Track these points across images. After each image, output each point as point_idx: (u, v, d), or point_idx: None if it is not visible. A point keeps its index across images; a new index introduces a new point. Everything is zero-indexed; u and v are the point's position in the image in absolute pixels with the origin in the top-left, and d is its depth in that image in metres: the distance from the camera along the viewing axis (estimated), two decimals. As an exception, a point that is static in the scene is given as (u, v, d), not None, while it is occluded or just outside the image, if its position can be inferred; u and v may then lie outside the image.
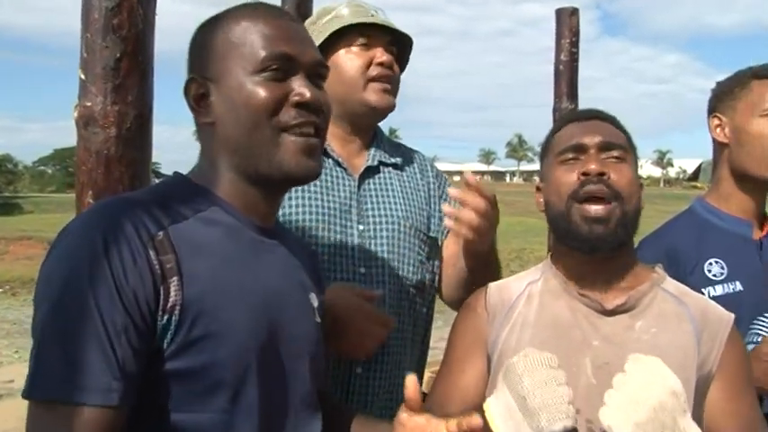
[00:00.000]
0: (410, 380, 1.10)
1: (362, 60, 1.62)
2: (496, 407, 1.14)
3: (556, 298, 1.33)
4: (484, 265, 1.57)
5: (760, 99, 1.69)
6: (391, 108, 1.67)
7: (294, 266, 1.16)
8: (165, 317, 0.94)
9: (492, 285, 1.42)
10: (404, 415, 1.11)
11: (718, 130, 1.76)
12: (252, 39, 1.06)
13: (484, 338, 1.36)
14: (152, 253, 0.94)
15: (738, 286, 1.62)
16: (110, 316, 0.89)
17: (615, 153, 1.31)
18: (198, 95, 1.07)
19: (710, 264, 1.64)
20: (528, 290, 1.37)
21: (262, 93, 1.04)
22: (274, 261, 1.11)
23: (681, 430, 1.09)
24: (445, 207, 1.48)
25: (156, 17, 1.38)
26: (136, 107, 1.36)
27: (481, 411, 1.15)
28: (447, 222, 1.46)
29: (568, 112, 1.32)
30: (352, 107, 1.64)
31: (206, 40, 1.09)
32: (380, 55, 1.63)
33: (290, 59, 1.06)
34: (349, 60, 1.63)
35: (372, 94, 1.63)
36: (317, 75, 1.11)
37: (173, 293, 0.94)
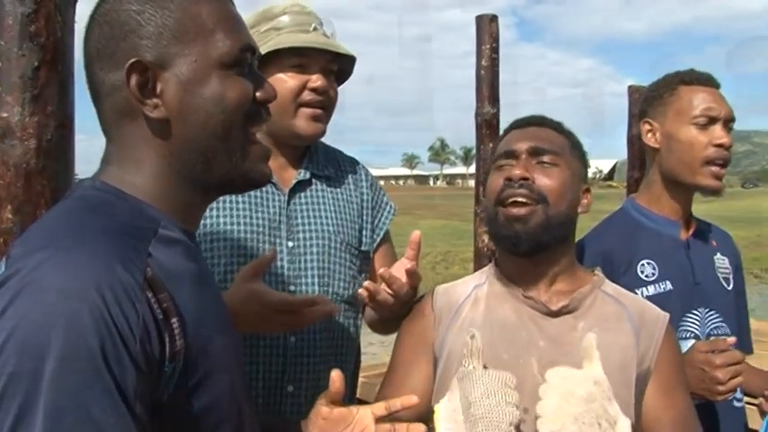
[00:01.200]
0: (336, 373, 1.07)
1: (296, 83, 1.53)
2: (445, 410, 1.16)
3: (501, 301, 1.37)
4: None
5: (689, 106, 1.71)
6: (319, 135, 1.60)
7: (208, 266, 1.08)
8: (171, 365, 0.80)
9: (439, 289, 1.45)
10: (325, 408, 1.08)
11: (650, 135, 1.78)
12: (218, 23, 0.90)
13: (430, 341, 1.38)
14: (150, 294, 0.79)
15: (668, 285, 1.68)
16: (123, 382, 0.74)
17: (545, 158, 1.34)
18: (141, 82, 0.87)
19: (643, 265, 1.70)
20: (474, 293, 1.40)
21: (238, 91, 0.91)
22: (207, 268, 1.01)
23: (611, 417, 1.14)
24: (363, 289, 1.38)
25: (77, 24, 1.34)
26: (56, 118, 1.30)
27: (432, 413, 1.17)
28: (362, 294, 1.39)
29: (514, 119, 1.37)
30: (278, 130, 1.55)
31: (147, 14, 0.87)
32: (315, 80, 1.54)
33: (254, 52, 0.95)
34: (281, 82, 1.51)
35: (302, 122, 1.55)
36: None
37: (177, 337, 0.81)
